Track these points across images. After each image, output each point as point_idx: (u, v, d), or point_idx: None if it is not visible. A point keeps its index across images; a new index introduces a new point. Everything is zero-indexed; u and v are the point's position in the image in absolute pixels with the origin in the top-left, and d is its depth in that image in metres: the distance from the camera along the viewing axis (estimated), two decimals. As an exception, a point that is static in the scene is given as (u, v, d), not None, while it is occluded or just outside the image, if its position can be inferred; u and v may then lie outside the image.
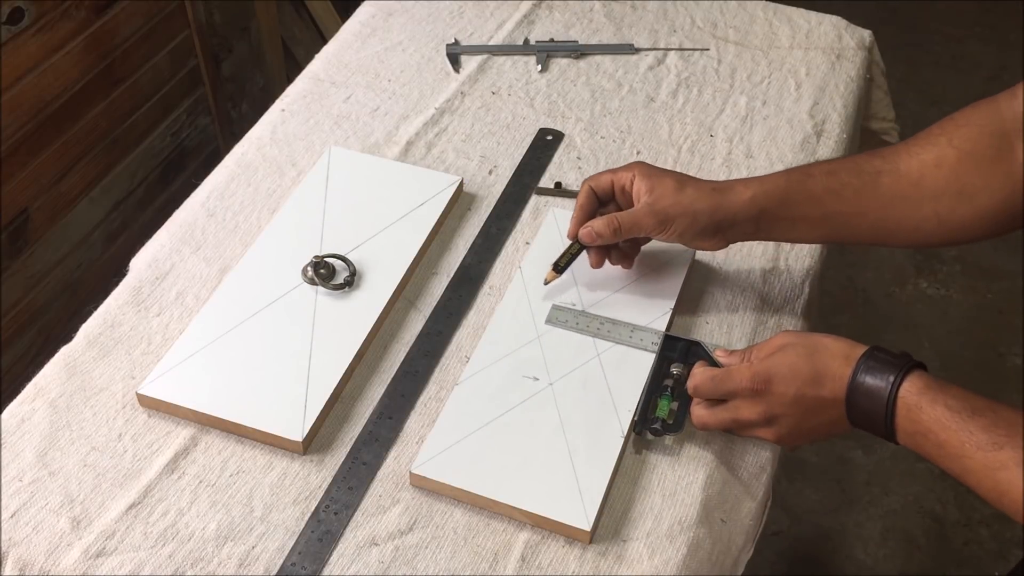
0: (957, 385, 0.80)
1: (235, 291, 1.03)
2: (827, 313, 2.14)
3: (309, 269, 1.04)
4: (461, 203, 1.16)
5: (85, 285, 1.86)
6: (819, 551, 1.81)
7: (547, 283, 1.03)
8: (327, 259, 1.04)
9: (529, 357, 0.98)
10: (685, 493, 0.90)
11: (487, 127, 1.26)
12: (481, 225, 1.13)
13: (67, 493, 0.88)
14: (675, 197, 0.96)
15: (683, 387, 0.92)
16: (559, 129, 1.25)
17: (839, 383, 0.83)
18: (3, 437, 0.92)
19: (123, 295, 1.04)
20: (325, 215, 1.10)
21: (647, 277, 1.05)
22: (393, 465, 0.91)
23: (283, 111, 1.27)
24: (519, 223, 1.14)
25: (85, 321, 1.02)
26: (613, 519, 0.88)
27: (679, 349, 0.97)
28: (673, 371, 0.94)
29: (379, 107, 1.28)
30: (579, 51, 1.36)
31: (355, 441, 0.93)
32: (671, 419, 0.92)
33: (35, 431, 0.92)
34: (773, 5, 1.44)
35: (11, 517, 0.86)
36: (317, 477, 0.90)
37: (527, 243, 1.11)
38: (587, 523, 0.85)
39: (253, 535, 0.86)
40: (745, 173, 1.20)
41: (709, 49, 1.37)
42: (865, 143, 1.42)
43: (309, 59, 1.37)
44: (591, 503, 0.86)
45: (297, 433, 0.91)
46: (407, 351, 1.00)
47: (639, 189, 0.97)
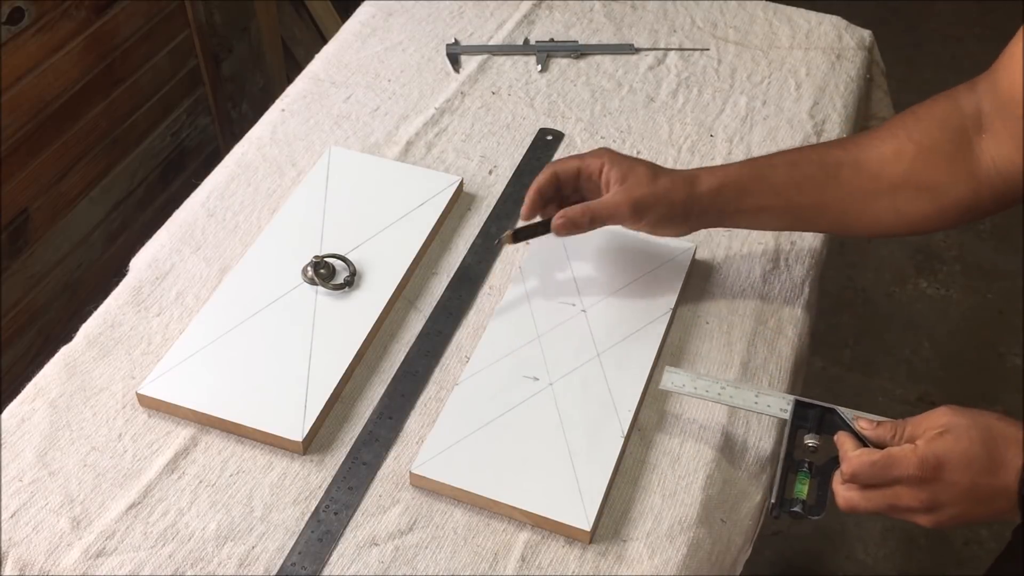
0: None
1: (235, 291, 1.03)
2: (827, 313, 2.14)
3: (309, 269, 1.04)
4: (461, 203, 1.16)
5: (85, 285, 1.86)
6: (819, 551, 1.81)
7: (499, 244, 1.07)
8: (327, 259, 1.04)
9: (529, 357, 0.98)
10: (685, 493, 0.90)
11: (487, 127, 1.26)
12: (481, 225, 1.13)
13: (67, 493, 0.88)
14: (650, 187, 0.95)
15: (819, 468, 0.83)
16: (559, 129, 1.25)
17: (1015, 474, 0.76)
18: (3, 437, 0.92)
19: (123, 295, 1.04)
20: (325, 215, 1.10)
21: (647, 277, 1.05)
22: (393, 465, 0.91)
23: (283, 111, 1.27)
24: (519, 223, 1.14)
25: (85, 321, 1.02)
26: (613, 519, 0.88)
27: (811, 417, 0.86)
28: (808, 444, 0.84)
29: (379, 107, 1.28)
30: (579, 51, 1.36)
31: (355, 441, 0.93)
32: (812, 499, 0.82)
33: (35, 431, 0.92)
34: (773, 5, 1.44)
35: (11, 517, 0.86)
36: (317, 477, 0.90)
37: (527, 243, 1.11)
38: (587, 523, 0.85)
39: (253, 535, 0.86)
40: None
41: (709, 49, 1.37)
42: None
43: (309, 59, 1.37)
44: (591, 503, 0.86)
45: (297, 433, 0.91)
46: (407, 351, 1.00)
47: (609, 178, 0.96)
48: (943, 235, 2.35)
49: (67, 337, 1.01)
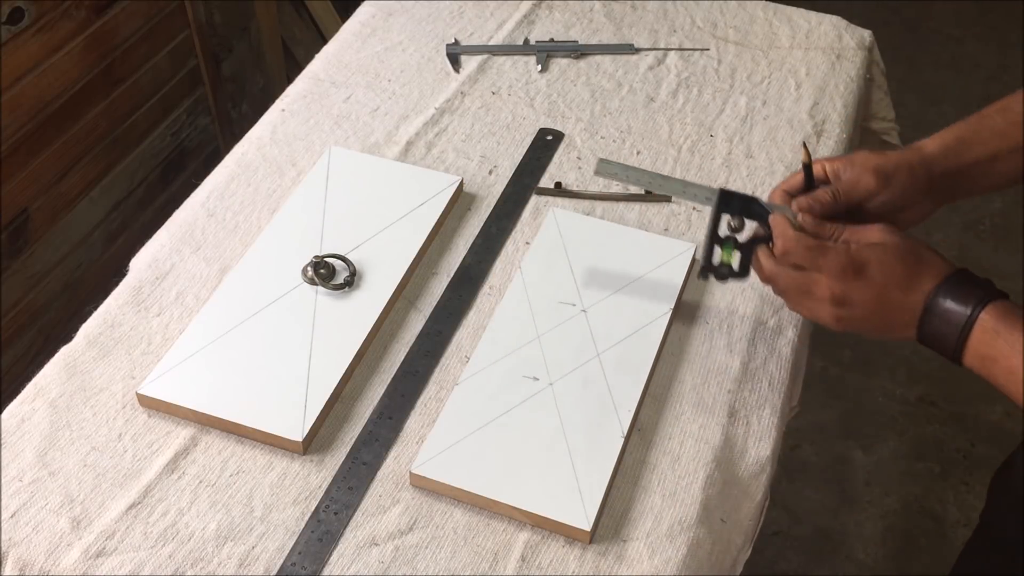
0: None
1: (235, 291, 1.03)
2: (827, 313, 2.14)
3: (309, 269, 1.04)
4: (461, 203, 1.16)
5: (85, 285, 1.86)
6: (819, 551, 1.81)
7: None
8: (327, 259, 1.04)
9: (529, 357, 0.98)
10: (685, 493, 0.90)
11: (487, 127, 1.26)
12: (481, 225, 1.13)
13: (67, 493, 0.88)
14: (882, 156, 0.95)
15: (742, 240, 0.94)
16: (559, 129, 1.25)
17: (921, 297, 0.84)
18: (3, 437, 0.92)
19: (123, 295, 1.04)
20: (325, 215, 1.10)
21: (647, 277, 1.05)
22: (393, 465, 0.91)
23: (283, 111, 1.27)
24: (519, 223, 1.14)
25: (85, 321, 1.02)
26: (613, 519, 0.88)
27: (735, 206, 0.95)
28: (732, 224, 0.94)
29: (379, 107, 1.28)
30: (579, 51, 1.36)
31: (355, 441, 0.93)
32: (735, 266, 0.94)
33: (35, 431, 0.92)
34: (773, 5, 1.44)
35: (11, 517, 0.87)
36: (317, 477, 0.90)
37: (527, 243, 1.11)
38: (587, 523, 0.85)
39: (253, 535, 0.86)
40: (745, 173, 1.20)
41: (709, 49, 1.37)
42: (865, 143, 1.42)
43: (309, 59, 1.37)
44: (591, 503, 0.86)
45: (297, 433, 0.91)
46: (407, 351, 1.00)
47: (835, 169, 0.95)
48: (943, 235, 2.35)
49: (67, 337, 1.01)
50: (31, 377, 0.97)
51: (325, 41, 1.43)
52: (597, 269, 1.06)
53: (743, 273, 0.95)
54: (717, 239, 0.95)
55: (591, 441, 0.91)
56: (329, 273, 1.04)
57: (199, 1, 1.94)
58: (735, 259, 0.95)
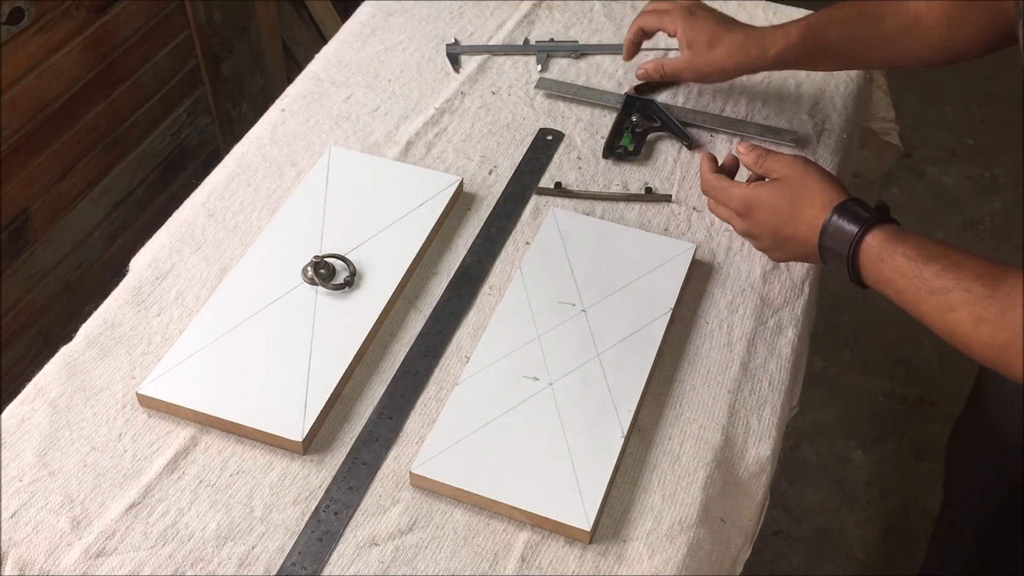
0: (919, 233, 0.86)
1: (235, 291, 1.03)
2: (827, 313, 2.14)
3: (309, 269, 1.04)
4: (461, 203, 1.16)
5: (85, 285, 1.86)
6: (819, 551, 1.81)
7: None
8: (327, 259, 1.04)
9: (529, 357, 0.98)
10: (685, 493, 0.90)
11: (487, 127, 1.26)
12: (481, 225, 1.13)
13: (67, 493, 0.88)
14: (709, 55, 1.14)
15: (640, 129, 1.22)
16: (559, 129, 1.25)
17: (812, 231, 0.91)
18: (3, 437, 0.92)
19: (123, 295, 1.05)
20: (325, 215, 1.10)
21: (647, 277, 1.05)
22: (393, 465, 0.91)
23: (283, 111, 1.27)
24: (519, 223, 1.14)
25: (85, 321, 1.02)
26: (613, 519, 0.88)
27: (637, 106, 1.25)
28: (633, 119, 1.23)
29: (379, 107, 1.28)
30: (579, 51, 1.36)
31: (355, 441, 0.93)
32: (632, 148, 1.21)
33: (35, 431, 0.92)
34: (773, 5, 1.44)
35: (11, 517, 0.87)
36: (317, 477, 0.90)
37: (527, 243, 1.11)
38: (587, 523, 0.85)
39: (253, 535, 0.86)
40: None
41: (709, 49, 1.37)
42: (865, 143, 1.42)
43: (309, 59, 1.37)
44: (591, 503, 0.86)
45: (297, 433, 0.91)
46: (407, 351, 1.00)
47: (681, 41, 1.15)
48: (943, 235, 2.35)
49: (67, 337, 1.01)
50: (31, 377, 0.97)
51: (325, 41, 1.43)
52: (597, 269, 1.06)
53: (636, 152, 1.20)
54: (620, 129, 1.23)
55: (591, 441, 0.91)
56: (329, 273, 1.04)
57: (199, 1, 1.94)
58: (632, 145, 1.21)
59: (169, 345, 0.99)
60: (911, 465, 1.93)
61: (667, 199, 1.16)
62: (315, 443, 0.93)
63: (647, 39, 1.23)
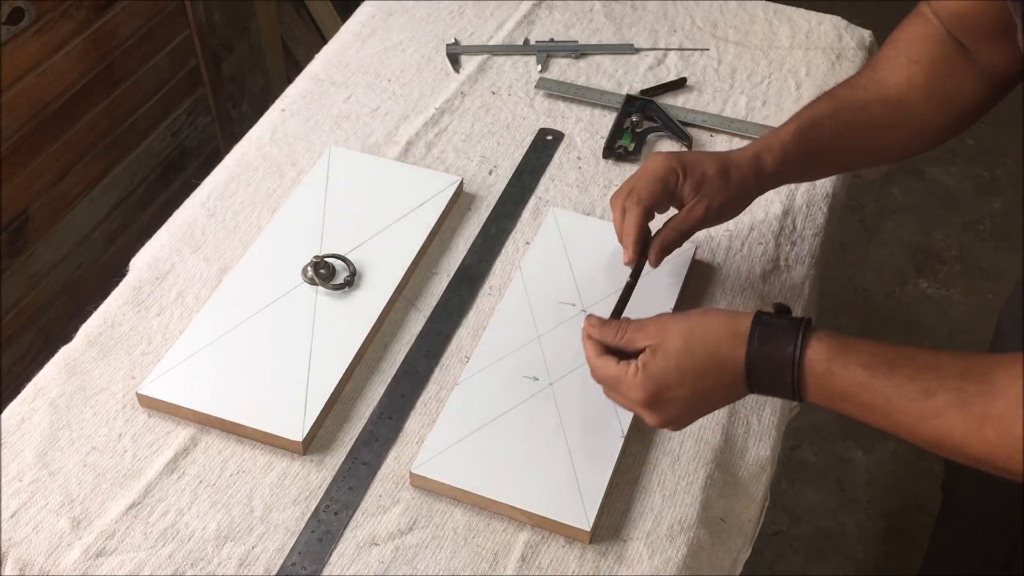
0: (857, 337, 0.78)
1: (235, 291, 1.03)
2: (827, 313, 2.14)
3: (309, 269, 1.04)
4: (461, 203, 1.16)
5: (85, 285, 1.86)
6: (819, 551, 1.81)
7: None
8: (327, 259, 1.04)
9: (529, 357, 0.98)
10: (685, 493, 0.90)
11: (487, 127, 1.26)
12: (481, 225, 1.13)
13: (67, 493, 0.88)
14: (725, 191, 0.98)
15: (640, 129, 1.23)
16: (559, 129, 1.25)
17: (734, 364, 0.79)
18: (3, 437, 0.92)
19: (123, 295, 1.04)
20: (325, 215, 1.10)
21: (647, 277, 1.05)
22: (393, 465, 0.91)
23: (283, 111, 1.27)
24: (519, 223, 1.14)
25: (85, 321, 1.02)
26: (613, 519, 0.88)
27: (637, 106, 1.26)
28: (634, 119, 1.24)
29: (379, 107, 1.28)
30: (579, 51, 1.36)
31: (355, 441, 0.93)
32: (632, 148, 1.21)
33: (35, 431, 0.92)
34: (773, 5, 1.44)
35: (11, 517, 0.87)
36: (317, 477, 0.90)
37: (527, 243, 1.11)
38: (587, 523, 0.85)
39: (253, 535, 0.86)
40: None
41: (709, 49, 1.37)
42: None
43: (309, 59, 1.37)
44: (591, 503, 0.86)
45: (297, 433, 0.91)
46: (407, 351, 1.00)
47: (684, 190, 0.98)
48: (943, 235, 2.35)
49: (67, 337, 1.01)
50: (31, 377, 0.97)
51: (325, 41, 1.43)
52: (597, 269, 1.06)
53: (636, 152, 1.21)
54: (620, 129, 1.23)
55: (591, 441, 0.91)
56: (329, 273, 1.04)
57: (199, 1, 1.94)
58: (632, 145, 1.21)
59: (169, 345, 0.99)
60: (911, 465, 1.93)
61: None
62: (315, 443, 0.93)
63: (651, 220, 1.01)
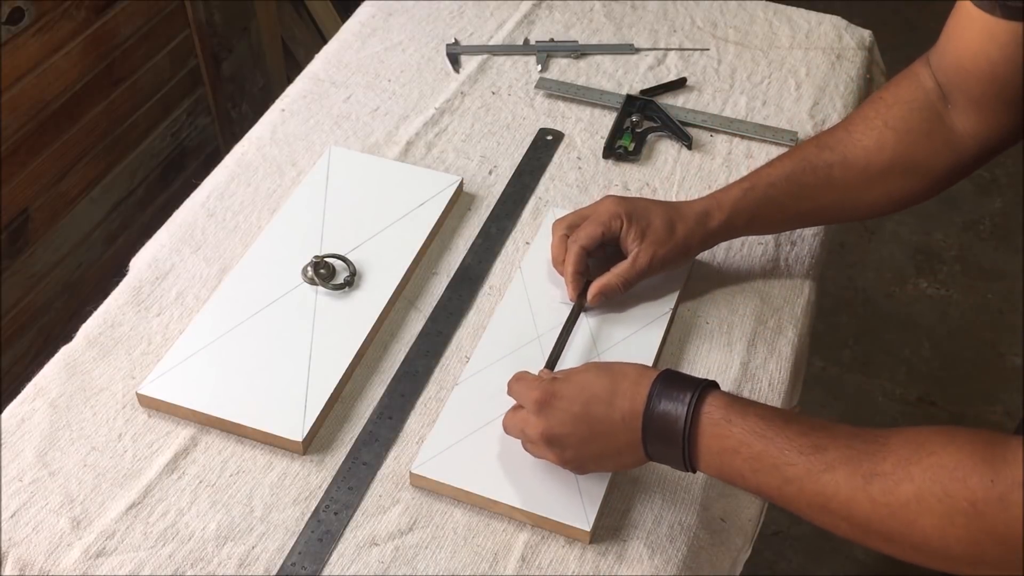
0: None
1: (235, 291, 1.03)
2: (827, 313, 2.14)
3: (309, 269, 1.04)
4: (461, 203, 1.16)
5: (85, 285, 1.86)
6: (819, 551, 1.81)
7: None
8: (327, 259, 1.04)
9: (529, 357, 0.98)
10: (685, 493, 0.90)
11: (487, 127, 1.26)
12: (481, 225, 1.13)
13: (67, 493, 0.88)
14: (671, 242, 1.00)
15: (640, 129, 1.23)
16: (559, 129, 1.25)
17: (633, 403, 0.79)
18: (3, 437, 0.92)
19: (123, 295, 1.04)
20: (325, 215, 1.10)
21: (647, 278, 1.05)
22: (393, 465, 0.91)
23: (283, 111, 1.27)
24: (519, 223, 1.14)
25: (85, 321, 1.02)
26: (613, 519, 0.88)
27: (637, 106, 1.25)
28: (634, 119, 1.24)
29: (379, 107, 1.28)
30: (579, 51, 1.36)
31: (355, 441, 0.93)
32: (632, 148, 1.21)
33: (35, 431, 0.92)
34: (773, 5, 1.44)
35: (11, 517, 0.87)
36: (317, 477, 0.90)
37: (527, 243, 1.11)
38: (587, 523, 0.85)
39: (253, 535, 0.86)
40: (745, 172, 1.19)
41: (709, 49, 1.37)
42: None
43: (309, 59, 1.37)
44: (591, 503, 0.86)
45: (297, 433, 0.91)
46: (407, 351, 1.00)
47: (628, 238, 1.00)
48: (943, 235, 2.35)
49: (67, 337, 1.01)
50: (31, 377, 0.97)
51: (325, 41, 1.43)
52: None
53: (636, 152, 1.20)
54: (620, 129, 1.23)
55: (591, 441, 0.91)
56: (329, 273, 1.04)
57: (199, 1, 1.94)
58: (632, 145, 1.21)
59: (169, 345, 0.99)
60: (911, 465, 1.93)
61: (667, 199, 1.16)
62: (315, 443, 0.93)
63: (591, 257, 1.02)
